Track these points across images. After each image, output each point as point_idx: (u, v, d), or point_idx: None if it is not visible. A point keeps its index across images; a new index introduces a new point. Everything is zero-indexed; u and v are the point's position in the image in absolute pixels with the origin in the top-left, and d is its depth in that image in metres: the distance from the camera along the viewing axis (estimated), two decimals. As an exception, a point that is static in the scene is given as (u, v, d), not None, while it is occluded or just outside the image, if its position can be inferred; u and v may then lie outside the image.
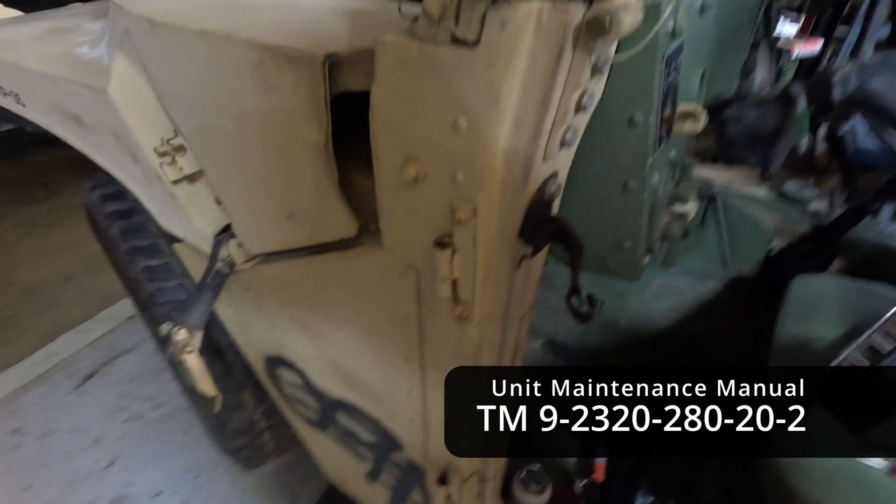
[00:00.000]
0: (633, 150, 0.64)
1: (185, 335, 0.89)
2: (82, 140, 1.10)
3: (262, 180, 0.79)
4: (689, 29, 0.69)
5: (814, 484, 0.82)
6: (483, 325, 0.65)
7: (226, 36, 0.67)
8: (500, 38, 0.44)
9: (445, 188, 0.54)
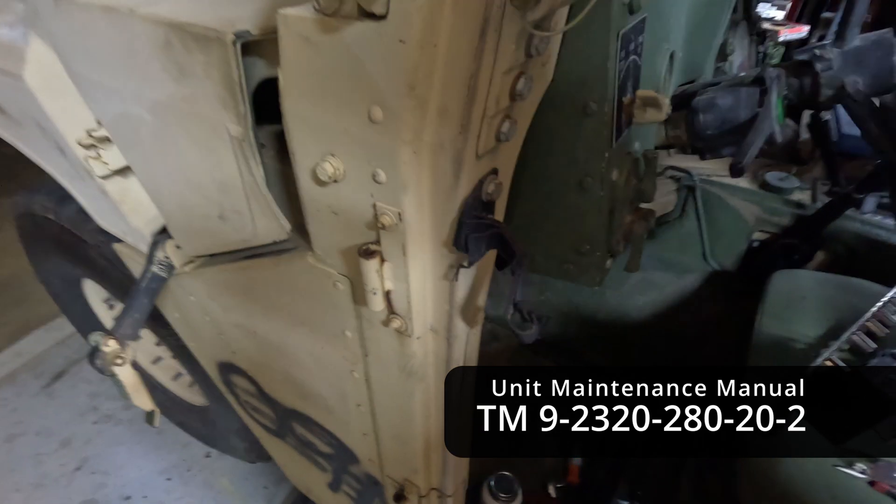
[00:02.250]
0: (588, 142, 0.56)
1: (116, 346, 0.82)
2: (10, 132, 1.02)
3: (188, 176, 0.71)
4: (654, 5, 0.62)
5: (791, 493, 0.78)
6: (425, 339, 0.58)
7: (129, 12, 0.59)
8: (411, 9, 0.36)
9: (367, 189, 0.47)
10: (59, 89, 0.82)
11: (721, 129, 0.66)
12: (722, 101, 0.66)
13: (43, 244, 1.39)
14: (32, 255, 1.53)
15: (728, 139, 0.66)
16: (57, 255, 1.39)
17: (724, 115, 0.65)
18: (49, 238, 1.32)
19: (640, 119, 0.56)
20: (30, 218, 1.31)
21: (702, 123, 0.66)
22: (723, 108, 0.66)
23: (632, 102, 0.57)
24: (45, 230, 1.30)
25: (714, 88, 0.68)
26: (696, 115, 0.67)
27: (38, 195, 1.24)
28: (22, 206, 1.32)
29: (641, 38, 0.59)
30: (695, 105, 0.67)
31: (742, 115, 0.65)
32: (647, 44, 0.62)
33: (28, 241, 1.48)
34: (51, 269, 1.53)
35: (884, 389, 0.75)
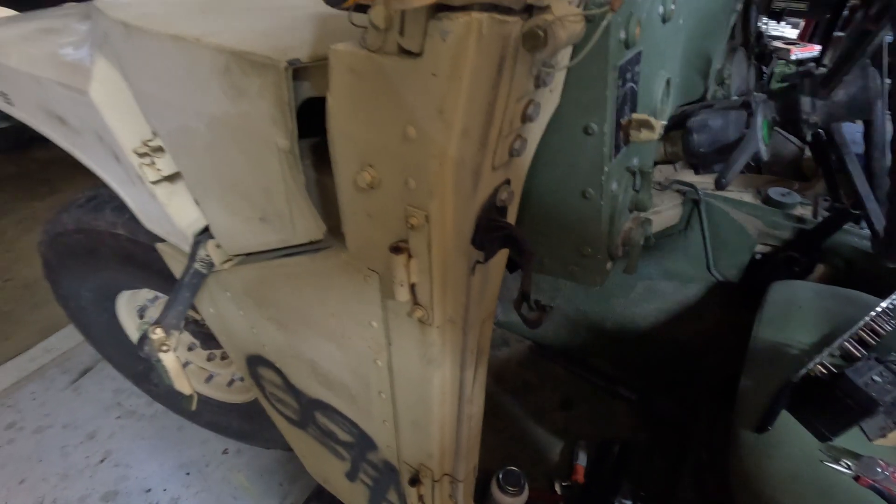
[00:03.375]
0: (590, 157, 0.64)
1: (162, 334, 0.91)
2: (68, 140, 1.12)
3: (234, 183, 0.81)
4: (650, 38, 0.70)
5: (779, 488, 0.83)
6: (444, 328, 0.66)
7: (195, 41, 0.69)
8: (442, 48, 0.44)
9: (399, 195, 0.55)
10: (119, 104, 0.92)
11: (712, 147, 0.73)
12: (713, 122, 0.73)
13: (92, 259, 1.40)
14: (70, 271, 1.53)
15: (718, 156, 0.73)
16: (114, 268, 1.39)
17: (715, 135, 0.73)
18: (109, 252, 1.33)
19: (635, 138, 0.64)
20: (84, 234, 1.33)
21: (695, 142, 0.74)
22: (714, 128, 0.73)
23: (629, 124, 0.65)
24: (105, 245, 1.32)
25: (707, 111, 0.76)
26: (690, 135, 0.74)
27: (102, 212, 1.27)
28: (73, 223, 1.34)
29: (637, 68, 0.67)
30: (689, 125, 0.74)
31: (731, 135, 0.72)
32: (644, 72, 0.70)
33: (69, 258, 1.47)
34: (89, 284, 1.54)
35: (866, 389, 0.80)
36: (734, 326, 1.38)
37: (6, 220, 3.44)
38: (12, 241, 3.24)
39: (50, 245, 1.48)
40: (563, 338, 1.68)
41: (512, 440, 1.46)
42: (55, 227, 1.41)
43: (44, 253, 1.54)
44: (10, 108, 1.21)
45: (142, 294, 1.62)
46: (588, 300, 1.54)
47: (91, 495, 1.90)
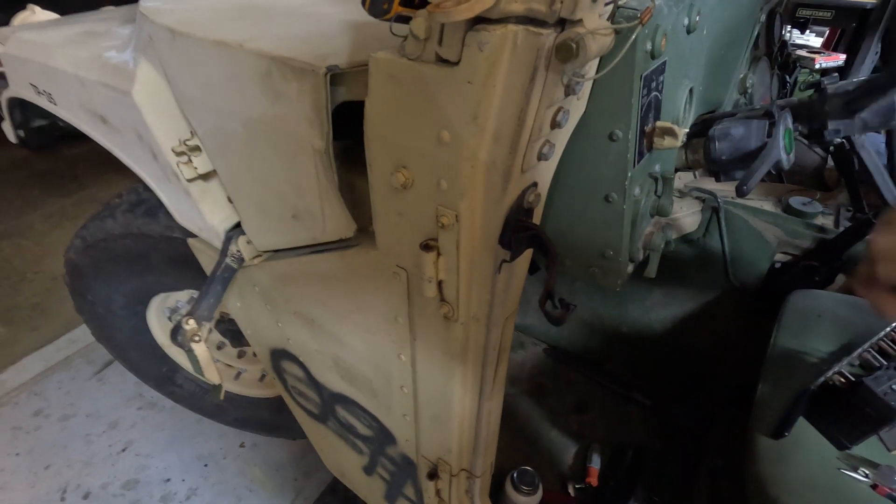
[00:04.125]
0: (614, 163, 0.67)
1: (194, 325, 0.95)
2: (108, 139, 1.17)
3: (269, 181, 0.84)
4: (675, 48, 0.72)
5: (795, 494, 0.83)
6: (468, 325, 0.69)
7: (238, 46, 0.73)
8: (478, 58, 0.47)
9: (431, 195, 0.58)
10: (160, 105, 0.96)
11: (734, 155, 0.75)
12: (735, 130, 0.75)
13: (138, 263, 1.41)
14: (107, 276, 1.52)
15: (739, 164, 0.75)
16: (161, 271, 1.40)
17: (736, 144, 0.74)
18: (160, 255, 1.34)
19: (658, 146, 0.66)
20: (133, 238, 1.34)
21: (717, 150, 0.75)
22: (736, 137, 0.75)
23: (652, 132, 0.67)
24: (157, 248, 1.32)
25: (729, 119, 0.77)
26: (712, 143, 0.76)
27: (156, 217, 1.27)
28: (120, 227, 1.34)
29: (662, 78, 0.69)
30: (711, 133, 0.76)
31: (753, 143, 0.73)
32: (667, 81, 0.72)
33: (110, 263, 1.47)
34: (125, 288, 1.55)
35: (885, 398, 0.80)
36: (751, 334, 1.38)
37: (35, 215, 3.56)
38: (41, 236, 3.35)
39: (86, 251, 1.47)
40: (579, 342, 1.69)
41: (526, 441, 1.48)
42: (97, 232, 1.41)
43: (75, 259, 1.53)
44: (53, 107, 1.27)
45: (174, 297, 1.65)
46: (604, 305, 1.55)
47: (113, 483, 1.96)
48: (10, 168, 4.13)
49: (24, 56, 1.24)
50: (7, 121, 1.55)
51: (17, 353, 2.49)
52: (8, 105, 1.48)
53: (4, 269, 3.04)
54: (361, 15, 0.62)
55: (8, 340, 2.58)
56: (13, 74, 1.35)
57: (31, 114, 1.56)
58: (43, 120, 1.59)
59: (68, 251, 1.55)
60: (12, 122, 1.56)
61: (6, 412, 2.21)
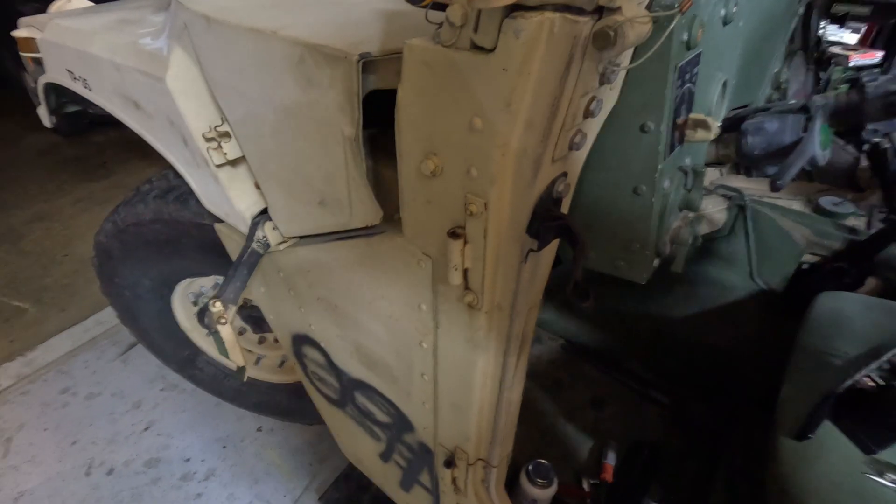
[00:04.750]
0: (644, 155, 0.66)
1: (220, 308, 0.97)
2: (141, 124, 1.20)
3: (297, 168, 0.86)
4: (710, 40, 0.71)
5: (818, 497, 0.82)
6: (492, 314, 0.69)
7: (272, 33, 0.74)
8: (514, 45, 0.47)
9: (460, 182, 0.58)
10: (192, 91, 0.98)
11: (766, 150, 0.73)
12: (769, 125, 0.73)
13: (168, 248, 1.43)
14: (137, 260, 1.54)
15: (772, 160, 0.73)
16: (190, 257, 1.43)
17: (770, 139, 0.73)
18: (191, 241, 1.36)
19: (691, 138, 0.65)
20: (165, 224, 1.36)
21: (749, 145, 0.74)
22: (769, 131, 0.73)
23: (685, 124, 0.66)
24: (188, 234, 1.34)
25: (764, 114, 0.76)
26: (744, 137, 0.74)
27: (188, 204, 1.28)
28: (152, 213, 1.37)
29: (696, 69, 0.68)
30: (744, 128, 0.75)
31: (787, 138, 0.72)
32: (701, 73, 0.70)
33: (140, 248, 1.49)
34: (153, 272, 1.57)
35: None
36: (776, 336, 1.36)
37: (65, 199, 3.66)
38: (70, 219, 3.45)
39: (116, 235, 1.50)
40: (597, 338, 1.68)
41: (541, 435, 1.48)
42: (128, 217, 1.43)
43: (104, 242, 1.55)
44: (88, 92, 1.30)
45: (199, 282, 1.69)
46: (623, 301, 1.54)
47: (135, 460, 2.02)
48: (42, 153, 4.26)
49: (61, 42, 1.27)
50: (43, 105, 1.59)
51: (45, 332, 2.58)
52: (44, 90, 1.52)
53: (35, 251, 3.14)
54: (394, 3, 0.62)
55: (38, 319, 2.67)
56: (50, 60, 1.39)
57: (64, 100, 1.60)
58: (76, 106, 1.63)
59: (98, 234, 1.58)
60: (48, 107, 1.60)
61: (35, 389, 2.30)
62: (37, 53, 1.43)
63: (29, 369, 2.41)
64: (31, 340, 2.56)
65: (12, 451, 2.05)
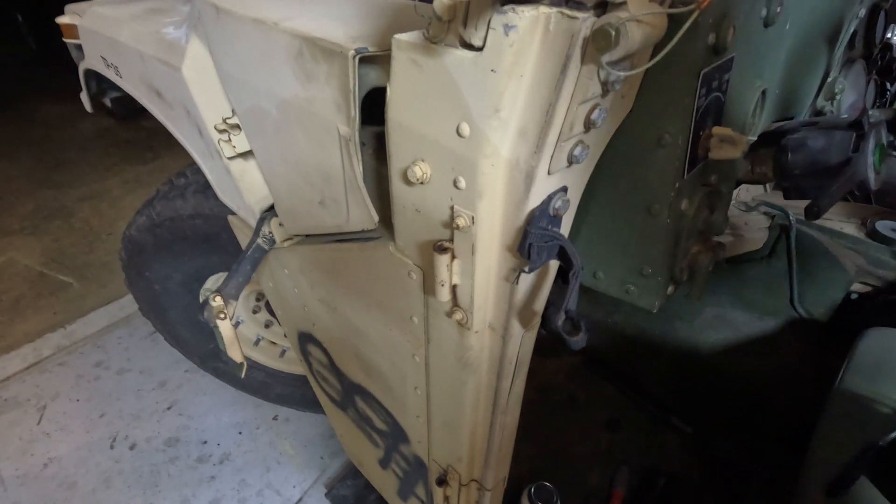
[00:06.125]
0: (660, 171, 0.58)
1: (221, 303, 0.96)
2: (163, 112, 1.21)
3: (298, 164, 0.83)
4: (747, 43, 0.62)
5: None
6: (483, 334, 0.64)
7: (273, 25, 0.71)
8: (504, 43, 0.42)
9: (448, 192, 0.54)
10: (206, 82, 0.97)
11: (809, 170, 0.64)
12: (814, 142, 0.64)
13: (205, 243, 1.43)
14: (171, 254, 1.53)
15: (815, 181, 0.64)
16: (227, 252, 1.39)
17: (813, 157, 0.64)
18: (229, 236, 1.32)
19: (715, 155, 0.58)
20: (204, 219, 1.35)
21: (789, 163, 0.65)
22: (814, 149, 0.64)
23: (709, 137, 0.58)
24: (226, 229, 1.31)
25: (808, 128, 0.67)
26: (784, 154, 0.66)
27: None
28: (190, 208, 1.36)
29: (727, 76, 0.60)
30: (784, 144, 0.66)
31: (833, 158, 0.62)
32: (735, 81, 0.62)
33: (177, 242, 1.48)
34: (186, 266, 1.58)
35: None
36: (815, 370, 1.24)
37: (113, 180, 3.84)
38: (117, 200, 3.61)
39: (151, 229, 1.49)
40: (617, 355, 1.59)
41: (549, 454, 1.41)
42: (164, 211, 1.43)
43: (136, 237, 1.55)
44: (119, 79, 1.33)
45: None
46: (649, 319, 1.44)
47: (156, 438, 2.08)
48: (97, 136, 4.48)
49: (96, 29, 1.30)
50: (84, 91, 1.64)
51: (86, 306, 2.70)
52: (85, 76, 1.57)
53: (83, 228, 3.30)
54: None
55: (80, 294, 2.80)
56: (88, 47, 1.42)
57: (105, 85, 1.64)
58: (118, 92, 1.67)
59: (129, 229, 1.58)
60: (88, 91, 1.64)
61: (72, 360, 2.41)
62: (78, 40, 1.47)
63: (68, 341, 2.53)
64: (72, 314, 2.68)
65: (45, 419, 2.15)
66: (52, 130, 4.59)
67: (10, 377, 2.32)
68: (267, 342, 1.90)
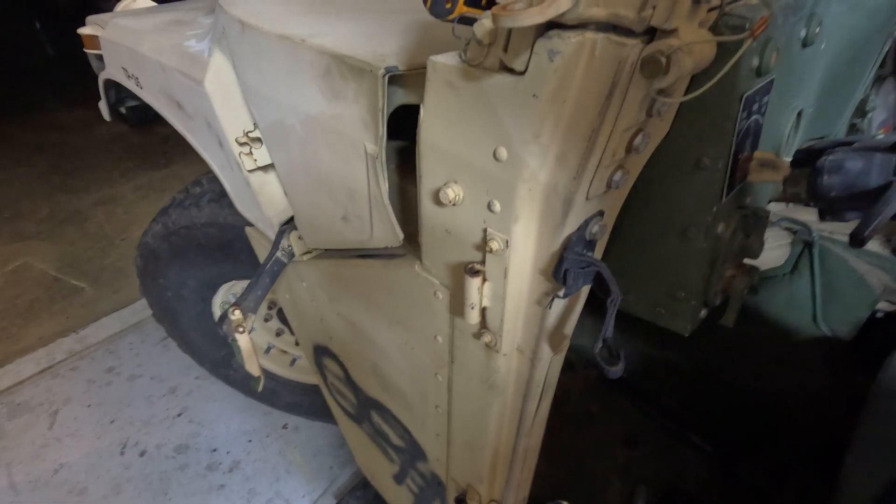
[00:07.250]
0: (698, 194, 0.57)
1: (240, 316, 0.95)
2: (182, 124, 1.22)
3: (322, 180, 0.82)
4: (786, 64, 0.61)
5: None
6: (511, 357, 0.63)
7: (301, 41, 0.70)
8: (548, 69, 0.41)
9: (481, 215, 0.53)
10: (228, 95, 0.97)
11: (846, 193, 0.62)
12: (851, 163, 0.62)
13: (220, 251, 1.43)
14: (186, 262, 1.54)
15: (852, 204, 0.62)
16: (241, 260, 1.40)
17: (852, 180, 0.62)
18: (243, 245, 1.31)
19: (755, 179, 0.56)
20: (218, 228, 1.37)
21: (825, 185, 0.63)
22: (852, 171, 0.62)
23: (748, 160, 0.57)
24: (241, 238, 1.30)
25: (845, 149, 0.65)
26: (820, 176, 0.64)
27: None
28: (206, 217, 1.37)
29: (766, 99, 0.59)
30: (820, 165, 0.64)
31: (872, 181, 0.61)
32: (772, 102, 0.61)
33: (191, 250, 1.49)
34: (200, 274, 1.59)
35: None
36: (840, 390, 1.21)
37: (127, 186, 3.87)
38: (130, 205, 3.64)
39: (166, 237, 1.50)
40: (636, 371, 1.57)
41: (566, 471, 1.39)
42: (179, 219, 1.44)
43: (152, 244, 1.56)
44: (139, 90, 1.33)
45: (242, 284, 1.67)
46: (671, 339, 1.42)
47: (166, 445, 2.08)
48: (112, 141, 4.53)
49: (117, 41, 1.31)
50: (103, 100, 1.66)
51: (99, 311, 2.72)
52: (104, 85, 1.58)
53: (97, 233, 3.33)
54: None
55: (93, 299, 2.81)
56: (109, 57, 1.44)
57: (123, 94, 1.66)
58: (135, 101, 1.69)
59: (145, 235, 1.59)
60: (107, 101, 1.66)
61: (84, 365, 2.42)
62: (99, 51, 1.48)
63: (80, 346, 2.54)
64: (85, 318, 2.70)
65: (57, 424, 2.16)
66: (68, 135, 4.64)
67: (23, 381, 2.33)
68: (278, 351, 1.90)
